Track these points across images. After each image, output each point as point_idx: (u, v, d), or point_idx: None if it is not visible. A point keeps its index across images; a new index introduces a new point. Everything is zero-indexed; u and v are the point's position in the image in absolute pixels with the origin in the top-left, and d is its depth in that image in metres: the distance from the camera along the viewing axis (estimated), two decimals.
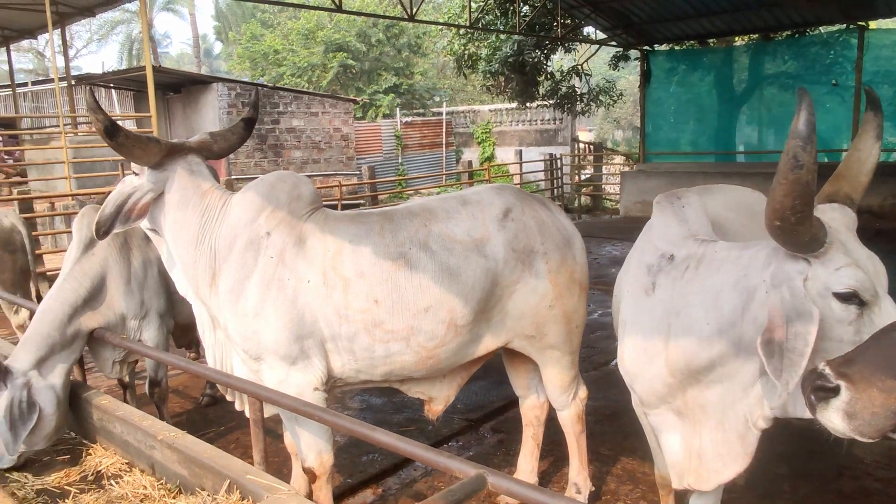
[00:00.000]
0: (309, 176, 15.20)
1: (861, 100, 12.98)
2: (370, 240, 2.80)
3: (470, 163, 15.68)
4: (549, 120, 23.41)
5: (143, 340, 3.89)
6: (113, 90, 16.58)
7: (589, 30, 16.22)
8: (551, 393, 3.22)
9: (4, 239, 5.09)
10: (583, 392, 3.29)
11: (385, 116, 22.25)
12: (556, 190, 16.84)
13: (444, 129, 21.57)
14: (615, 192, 19.22)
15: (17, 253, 5.07)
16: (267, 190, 2.85)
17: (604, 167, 19.00)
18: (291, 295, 2.73)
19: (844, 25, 14.15)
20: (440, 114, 23.35)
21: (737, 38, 16.28)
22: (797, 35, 15.02)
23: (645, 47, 15.57)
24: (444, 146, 21.67)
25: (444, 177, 17.13)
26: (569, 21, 14.04)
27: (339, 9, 9.29)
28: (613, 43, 15.41)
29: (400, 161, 20.02)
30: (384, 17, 17.75)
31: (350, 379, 2.94)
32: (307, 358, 2.79)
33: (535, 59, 13.79)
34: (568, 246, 3.06)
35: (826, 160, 14.63)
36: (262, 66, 24.49)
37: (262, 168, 14.57)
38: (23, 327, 5.51)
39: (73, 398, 3.64)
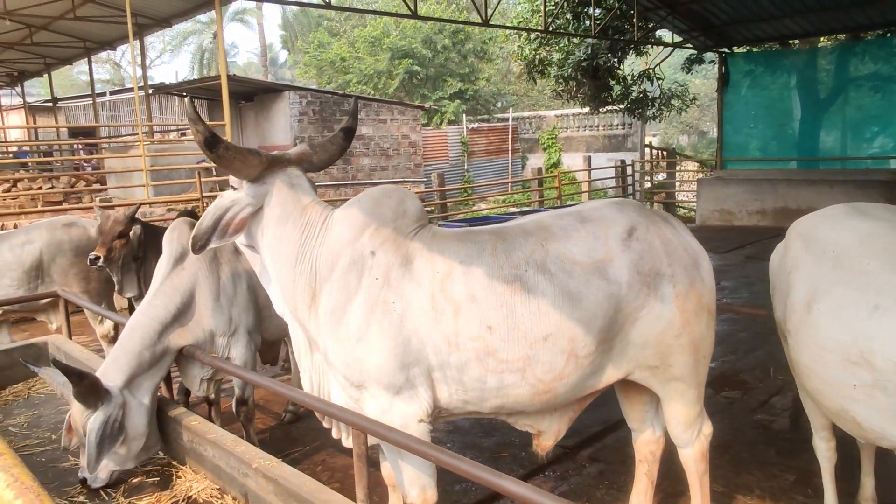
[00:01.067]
0: (376, 184, 15.18)
1: None
2: (482, 260, 2.58)
3: (540, 169, 15.35)
4: (617, 125, 22.90)
5: (232, 358, 3.79)
6: (185, 99, 16.90)
7: (662, 32, 15.74)
8: (673, 429, 2.93)
9: (94, 249, 5.11)
10: (707, 428, 2.99)
11: (450, 123, 22.14)
12: (627, 197, 16.35)
13: (510, 135, 21.29)
14: (687, 199, 18.59)
15: None
16: (371, 206, 2.67)
17: (676, 174, 18.36)
18: (397, 319, 2.54)
19: None
20: (505, 119, 23.10)
21: (822, 39, 15.53)
22: (889, 34, 14.19)
23: (723, 50, 14.99)
24: (510, 152, 21.40)
25: (510, 184, 16.86)
26: (643, 24, 13.62)
27: (414, 14, 9.17)
28: (689, 45, 14.88)
29: (466, 167, 19.85)
30: (459, 21, 17.65)
31: (456, 410, 2.72)
32: (412, 387, 2.59)
33: (608, 64, 13.40)
34: (696, 268, 2.77)
35: None
36: (328, 74, 24.73)
37: (331, 176, 14.61)
38: (107, 337, 5.53)
39: (160, 416, 3.55)
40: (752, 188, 13.74)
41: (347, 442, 2.79)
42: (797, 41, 15.50)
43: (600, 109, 14.93)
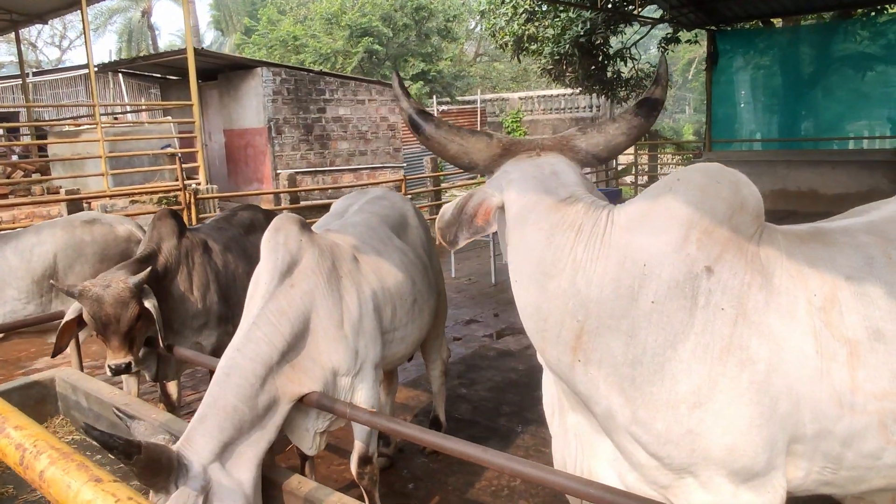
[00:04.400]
0: (355, 170, 14.03)
1: None
2: (878, 275, 1.71)
3: None
4: (584, 107, 22.33)
5: (358, 402, 2.81)
6: (122, 78, 15.33)
7: (650, 8, 15.12)
8: None
9: (121, 252, 3.97)
10: None
11: None
12: (607, 183, 15.73)
13: (479, 118, 20.40)
14: None
15: None
16: (694, 195, 1.74)
17: (659, 156, 17.92)
18: (763, 372, 1.64)
19: None
20: (470, 101, 22.20)
21: (808, 17, 15.27)
22: (874, 14, 14.00)
23: (710, 27, 14.50)
24: None
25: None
26: None
27: None
28: (681, 21, 14.29)
29: None
30: None
31: (800, 493, 1.86)
32: (771, 470, 1.70)
33: (604, 40, 12.69)
34: None
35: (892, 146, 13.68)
36: (279, 54, 23.18)
37: (309, 161, 13.37)
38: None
39: (266, 487, 2.54)
40: (750, 170, 12.71)
41: None
42: (779, 19, 15.18)
43: (595, 89, 14.15)
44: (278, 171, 12.63)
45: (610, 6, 12.44)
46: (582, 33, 12.04)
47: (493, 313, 7.16)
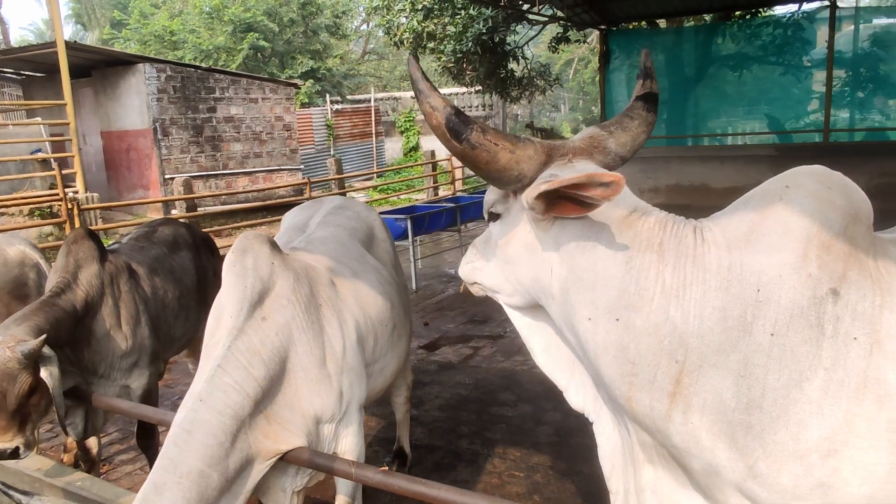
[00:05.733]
0: (250, 173, 13.20)
1: (832, 79, 12.89)
2: None
3: (433, 152, 14.26)
4: (477, 106, 22.37)
5: (343, 452, 2.40)
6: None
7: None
8: None
9: (13, 280, 3.28)
10: None
11: (303, 105, 20.28)
12: None
13: (373, 118, 19.94)
14: None
15: (30, 299, 3.24)
16: (809, 203, 1.49)
17: None
18: None
19: (797, 6, 14.08)
20: (363, 100, 21.68)
21: (691, 19, 15.93)
22: (748, 17, 14.82)
23: (602, 27, 14.82)
24: (374, 136, 20.06)
25: (423, 170, 15.59)
26: None
27: None
28: (576, 21, 14.49)
29: (332, 153, 18.21)
30: None
31: None
32: None
33: (505, 39, 12.63)
34: None
35: (777, 141, 14.63)
36: (154, 49, 21.65)
37: (200, 165, 12.40)
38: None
39: None
40: (646, 166, 13.70)
41: None
42: (664, 21, 15.78)
43: (498, 89, 14.06)
44: (167, 177, 11.63)
45: (509, 3, 12.39)
46: (484, 31, 11.90)
47: (422, 322, 6.82)
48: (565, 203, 1.55)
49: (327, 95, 20.17)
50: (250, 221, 10.84)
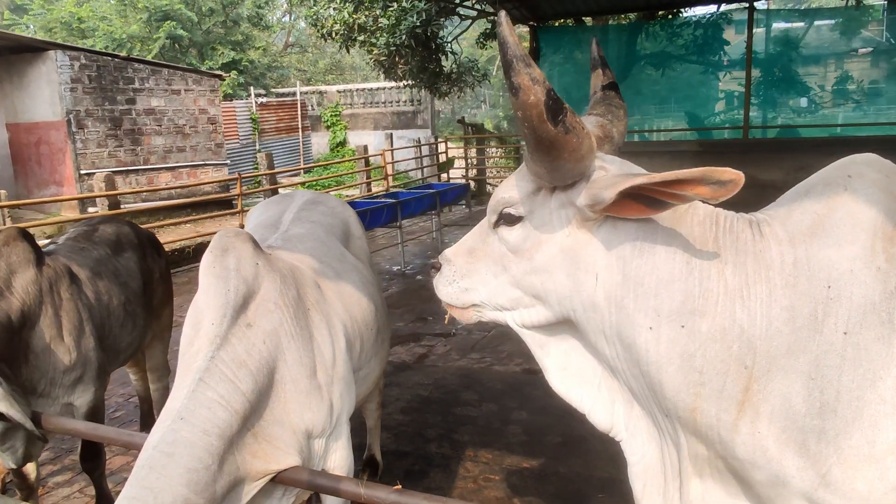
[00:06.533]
0: (173, 168, 12.55)
1: (751, 78, 13.39)
2: None
3: (366, 147, 13.95)
4: (405, 101, 22.15)
5: (333, 468, 2.22)
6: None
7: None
8: None
9: None
10: None
11: (226, 98, 19.52)
12: (433, 179, 15.66)
13: (299, 112, 19.41)
14: (494, 176, 18.53)
15: None
16: (874, 193, 1.41)
17: (487, 150, 18.20)
18: None
19: (716, 7, 14.60)
20: (288, 94, 21.08)
21: (616, 17, 16.23)
22: (671, 17, 15.25)
23: (532, 23, 14.91)
24: (300, 130, 19.54)
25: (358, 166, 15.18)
26: None
27: None
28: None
29: (258, 147, 17.60)
30: None
31: None
32: None
33: (439, 32, 12.50)
34: None
35: (697, 137, 15.15)
36: (60, 38, 20.35)
37: (119, 160, 11.66)
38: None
39: None
40: None
41: None
42: (590, 19, 16.04)
43: (431, 84, 13.90)
44: (83, 172, 10.88)
45: None
46: (418, 24, 11.72)
47: None
48: (630, 203, 1.39)
49: (251, 88, 19.48)
50: (175, 220, 10.30)
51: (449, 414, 4.39)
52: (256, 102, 18.27)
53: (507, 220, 1.61)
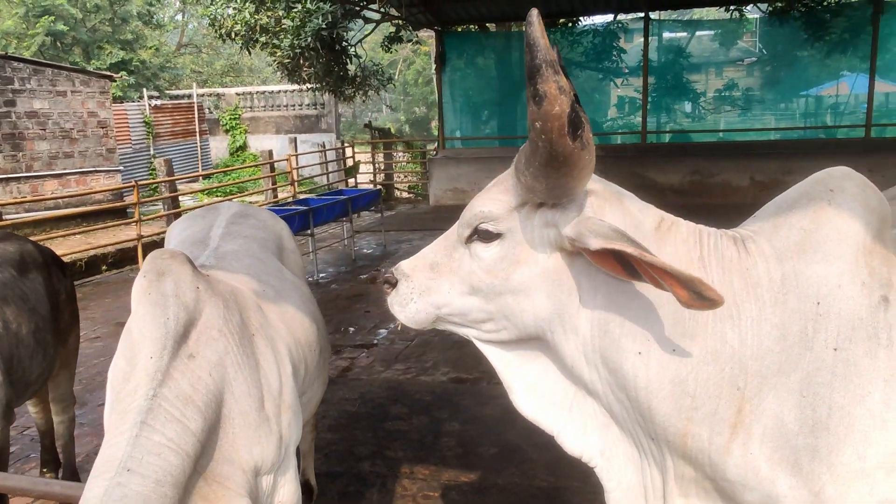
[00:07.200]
0: (60, 176, 11.66)
1: (648, 85, 13.96)
2: None
3: (270, 152, 13.45)
4: (308, 105, 21.69)
5: None
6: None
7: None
8: None
9: None
10: None
11: (116, 100, 18.43)
12: (340, 185, 15.40)
13: (196, 115, 18.58)
14: (401, 180, 18.42)
15: None
16: (855, 207, 1.42)
17: (395, 154, 18.07)
18: None
19: (614, 16, 15.17)
20: (183, 96, 20.16)
21: (518, 24, 16.50)
22: (570, 24, 15.69)
23: (437, 28, 14.95)
24: (198, 134, 18.71)
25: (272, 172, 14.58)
26: None
27: None
28: (413, 20, 14.46)
29: (153, 153, 16.68)
30: None
31: None
32: None
33: (344, 35, 12.28)
34: None
35: (598, 141, 15.68)
36: None
37: None
38: None
39: None
40: (484, 166, 14.01)
41: None
42: (493, 25, 16.26)
43: (332, 89, 13.61)
44: None
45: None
46: (324, 26, 11.45)
47: None
48: (610, 258, 1.31)
49: (144, 90, 18.47)
50: (64, 231, 9.57)
51: (379, 429, 4.26)
52: (150, 105, 17.32)
53: (484, 236, 1.51)
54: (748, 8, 14.53)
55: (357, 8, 12.63)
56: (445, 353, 5.48)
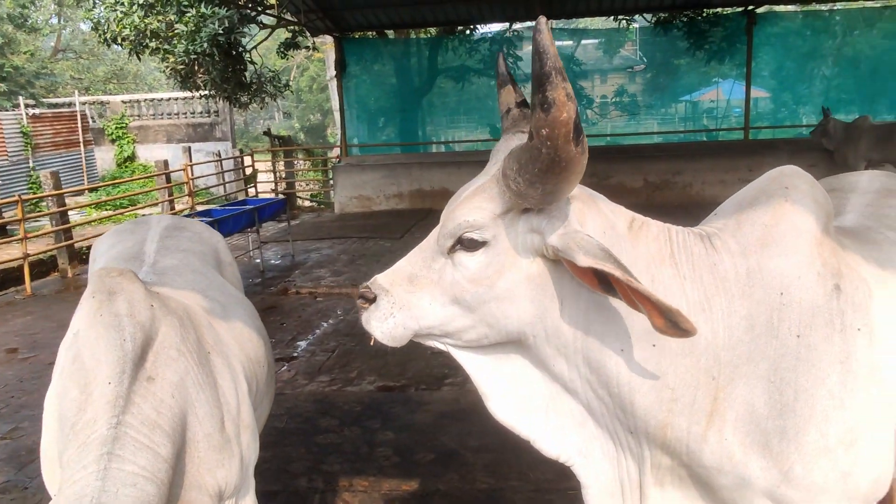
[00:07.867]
0: None
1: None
2: None
3: (166, 162, 12.79)
4: (201, 113, 20.90)
5: None
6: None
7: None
8: None
9: None
10: None
11: None
12: (240, 195, 14.98)
13: (79, 124, 17.48)
14: (303, 188, 18.07)
15: None
16: (808, 202, 1.53)
17: (295, 162, 17.69)
18: (891, 393, 1.52)
19: (509, 25, 15.57)
20: (64, 104, 18.93)
21: (419, 32, 16.61)
22: (468, 32, 15.97)
23: (336, 34, 14.81)
24: (82, 144, 17.61)
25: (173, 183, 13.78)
26: None
27: None
28: (310, 27, 14.24)
29: (32, 165, 15.54)
30: None
31: None
32: None
33: (241, 40, 11.94)
34: None
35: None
36: None
37: None
38: None
39: None
40: (389, 173, 14.03)
41: None
42: (393, 32, 16.29)
43: (227, 96, 13.16)
44: None
45: (244, 4, 11.74)
46: (220, 31, 11.07)
47: None
48: (591, 274, 1.33)
49: (20, 98, 17.19)
50: None
51: (311, 444, 4.16)
52: (27, 114, 16.14)
53: (469, 245, 1.49)
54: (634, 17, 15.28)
55: (253, 14, 12.32)
56: (369, 363, 5.42)
